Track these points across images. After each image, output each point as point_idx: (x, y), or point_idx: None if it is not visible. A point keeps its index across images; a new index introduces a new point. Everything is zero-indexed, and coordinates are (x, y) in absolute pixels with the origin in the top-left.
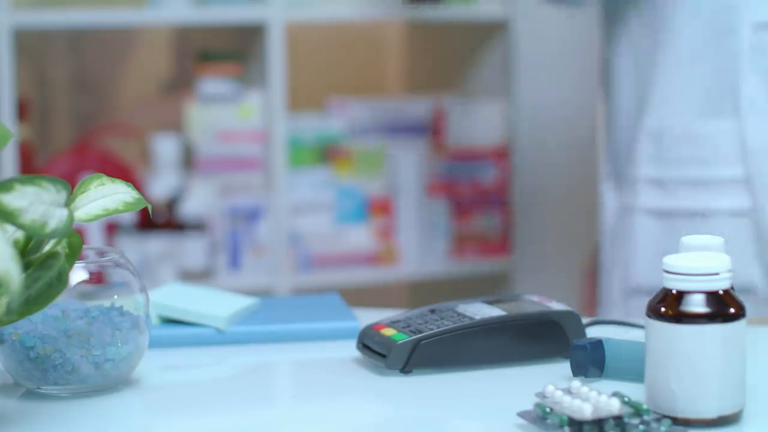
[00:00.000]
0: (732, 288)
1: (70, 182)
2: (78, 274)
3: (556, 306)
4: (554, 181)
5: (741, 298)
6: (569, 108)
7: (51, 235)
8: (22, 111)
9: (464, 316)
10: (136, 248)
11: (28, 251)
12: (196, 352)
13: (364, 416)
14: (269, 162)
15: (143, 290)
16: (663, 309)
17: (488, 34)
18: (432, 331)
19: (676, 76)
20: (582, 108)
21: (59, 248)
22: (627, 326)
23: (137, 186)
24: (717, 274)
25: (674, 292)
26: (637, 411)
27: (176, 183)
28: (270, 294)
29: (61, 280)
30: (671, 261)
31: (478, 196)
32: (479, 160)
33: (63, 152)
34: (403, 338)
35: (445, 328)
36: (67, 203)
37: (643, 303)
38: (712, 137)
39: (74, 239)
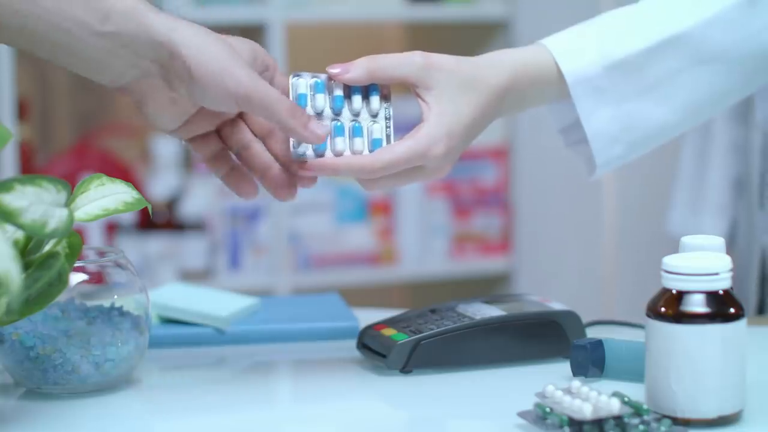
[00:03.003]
0: (732, 288)
1: (70, 182)
2: (78, 274)
3: (556, 306)
4: (554, 181)
5: None
6: None
7: (51, 235)
8: (22, 111)
9: (464, 316)
10: (136, 248)
11: (28, 251)
12: (196, 352)
13: (364, 416)
14: None
15: (143, 290)
16: (663, 309)
17: (488, 34)
18: (432, 331)
19: None
20: None
21: (59, 248)
22: (627, 326)
23: (137, 186)
24: (717, 274)
25: (674, 292)
26: (637, 411)
27: (176, 183)
28: (270, 294)
29: (61, 280)
30: (671, 261)
31: (478, 196)
32: (479, 160)
33: (63, 152)
34: (403, 338)
35: (445, 328)
36: (67, 203)
37: None
38: None
39: (74, 239)
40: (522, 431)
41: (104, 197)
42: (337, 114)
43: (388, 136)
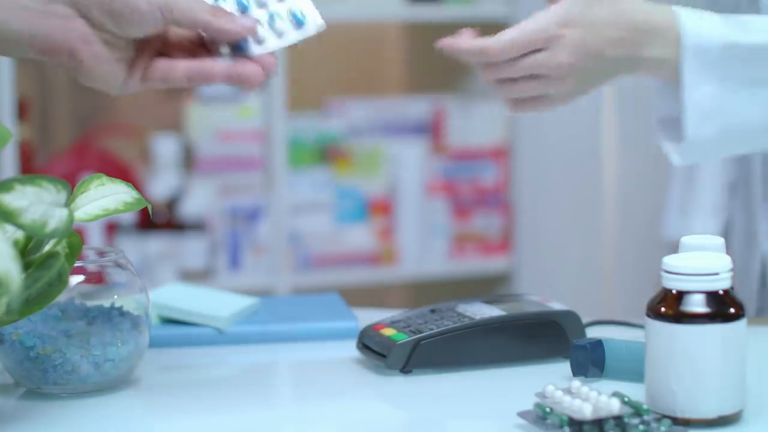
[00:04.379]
0: (732, 288)
1: (70, 182)
2: (78, 274)
3: (556, 306)
4: (554, 181)
5: None
6: (569, 107)
7: (51, 235)
8: (22, 111)
9: (464, 316)
10: (136, 248)
11: (28, 251)
12: (196, 352)
13: (364, 416)
14: (269, 162)
15: (143, 290)
16: (663, 309)
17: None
18: (432, 331)
19: None
20: (583, 107)
21: (59, 248)
22: (627, 326)
23: (137, 186)
24: (717, 274)
25: (674, 292)
26: (637, 411)
27: (176, 183)
28: (270, 294)
29: (61, 280)
30: (671, 261)
31: (478, 196)
32: (479, 160)
33: (63, 152)
34: (403, 338)
35: (445, 328)
36: (67, 203)
37: None
38: None
39: (74, 239)
40: (522, 431)
41: (104, 197)
42: (244, 11)
43: (302, 9)
